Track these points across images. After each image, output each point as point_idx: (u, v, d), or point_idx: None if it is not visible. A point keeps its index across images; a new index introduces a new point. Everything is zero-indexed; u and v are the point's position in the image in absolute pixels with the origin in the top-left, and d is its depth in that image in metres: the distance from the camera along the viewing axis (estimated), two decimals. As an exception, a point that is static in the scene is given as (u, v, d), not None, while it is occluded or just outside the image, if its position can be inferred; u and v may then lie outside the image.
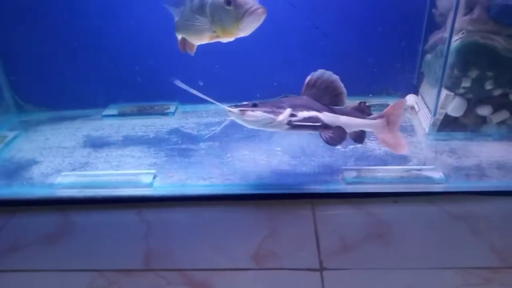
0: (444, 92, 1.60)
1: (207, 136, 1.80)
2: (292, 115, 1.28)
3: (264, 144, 1.74)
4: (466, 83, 1.56)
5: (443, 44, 1.60)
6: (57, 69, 1.99)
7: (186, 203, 1.47)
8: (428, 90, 1.79)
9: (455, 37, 1.50)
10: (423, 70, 1.84)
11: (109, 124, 1.97)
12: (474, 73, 1.54)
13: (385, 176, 1.48)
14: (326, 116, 1.32)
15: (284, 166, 1.60)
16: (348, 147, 1.69)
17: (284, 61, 1.94)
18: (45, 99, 2.07)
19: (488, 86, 1.55)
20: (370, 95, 2.00)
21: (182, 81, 1.24)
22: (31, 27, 1.91)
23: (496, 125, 1.62)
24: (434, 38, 1.71)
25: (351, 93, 2.02)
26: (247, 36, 1.48)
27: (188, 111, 2.07)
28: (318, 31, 1.88)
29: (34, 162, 1.69)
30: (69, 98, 2.07)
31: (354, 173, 1.50)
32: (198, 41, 1.35)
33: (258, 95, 1.62)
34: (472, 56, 1.51)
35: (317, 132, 1.31)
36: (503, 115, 1.60)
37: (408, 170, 1.50)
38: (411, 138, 1.73)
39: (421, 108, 1.85)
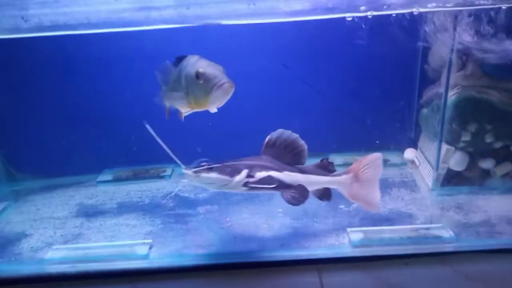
0: (445, 146, 1.59)
1: (165, 200, 1.77)
2: (249, 176, 1.25)
3: (265, 206, 1.69)
4: (465, 137, 1.55)
5: (438, 99, 1.62)
6: (49, 135, 1.96)
7: (184, 275, 1.38)
8: (427, 144, 1.78)
9: (450, 92, 1.51)
10: (420, 124, 1.84)
11: (103, 190, 1.91)
12: (473, 127, 1.53)
13: (393, 237, 1.42)
14: (286, 176, 1.30)
15: (286, 229, 1.53)
16: (351, 206, 1.63)
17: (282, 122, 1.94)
18: (37, 167, 2.01)
19: (488, 139, 1.54)
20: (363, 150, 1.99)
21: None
22: (22, 94, 1.91)
23: (500, 178, 1.59)
24: (428, 93, 1.72)
25: (351, 150, 2.05)
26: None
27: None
28: (312, 91, 1.90)
29: (23, 235, 1.60)
30: (62, 165, 2.02)
31: (360, 235, 1.43)
32: (181, 109, 1.36)
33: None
34: (470, 110, 1.51)
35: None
36: (507, 167, 1.58)
37: (416, 230, 1.44)
38: (414, 194, 1.69)
39: (421, 162, 1.82)
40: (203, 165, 1.23)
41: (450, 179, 1.63)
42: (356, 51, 1.81)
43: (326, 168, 1.40)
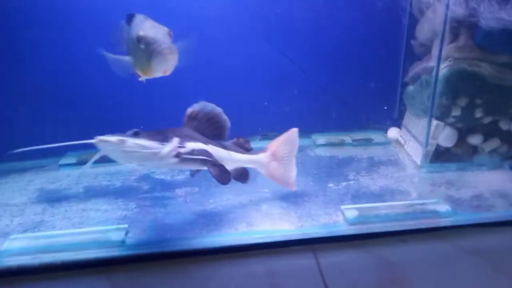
0: (434, 122, 1.55)
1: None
2: (180, 146, 1.13)
3: (249, 186, 1.56)
4: (455, 112, 1.52)
5: (427, 74, 1.58)
6: (4, 112, 1.73)
7: (166, 262, 1.24)
8: (414, 122, 1.74)
9: (442, 65, 1.48)
10: (405, 102, 1.80)
11: (67, 174, 1.71)
12: (463, 101, 1.51)
13: (389, 213, 1.36)
14: (212, 149, 1.21)
15: (276, 209, 1.43)
16: (340, 184, 1.56)
17: (265, 98, 1.83)
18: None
19: (478, 114, 1.52)
20: (353, 131, 1.94)
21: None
22: None
23: (488, 153, 1.58)
24: (415, 69, 1.68)
25: (334, 129, 1.99)
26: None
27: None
28: (294, 67, 1.81)
29: (-27, 224, 1.39)
30: (18, 147, 1.79)
31: (355, 212, 1.36)
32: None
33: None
34: (460, 83, 1.48)
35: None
36: (494, 143, 1.57)
37: (411, 205, 1.39)
38: (403, 171, 1.64)
39: (407, 141, 1.79)
40: (125, 133, 1.08)
41: (439, 156, 1.60)
42: (338, 25, 1.75)
43: (243, 147, 1.34)
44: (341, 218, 1.36)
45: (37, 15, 1.60)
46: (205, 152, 1.18)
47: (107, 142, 1.05)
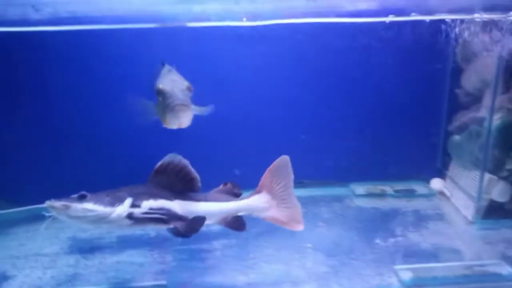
0: (487, 175, 1.47)
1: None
2: (134, 205, 1.05)
3: (290, 240, 1.49)
4: (510, 165, 1.45)
5: (477, 124, 1.52)
6: (33, 155, 1.70)
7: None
8: (461, 173, 1.66)
9: (494, 116, 1.42)
10: (450, 153, 1.73)
11: (99, 222, 1.65)
12: (518, 154, 1.44)
13: (447, 276, 1.25)
14: (179, 205, 1.11)
15: (322, 267, 1.34)
16: (388, 241, 1.47)
17: (300, 145, 1.78)
18: (18, 192, 1.73)
19: (534, 167, 1.44)
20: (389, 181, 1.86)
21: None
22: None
23: (546, 209, 1.49)
24: (461, 118, 1.63)
25: (372, 178, 1.91)
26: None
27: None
28: (331, 112, 1.77)
29: (4, 277, 1.31)
30: (47, 190, 1.74)
31: (410, 274, 1.26)
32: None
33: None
34: (515, 136, 1.42)
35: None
36: (552, 198, 1.48)
37: (470, 267, 1.28)
38: (454, 227, 1.55)
39: (454, 193, 1.70)
40: (72, 196, 1.03)
41: (492, 211, 1.51)
42: (378, 71, 1.71)
43: (232, 193, 1.21)
44: (395, 280, 1.26)
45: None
46: (166, 210, 1.09)
47: (53, 207, 1.02)
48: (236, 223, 1.19)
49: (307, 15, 0.93)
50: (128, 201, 1.05)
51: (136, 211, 1.05)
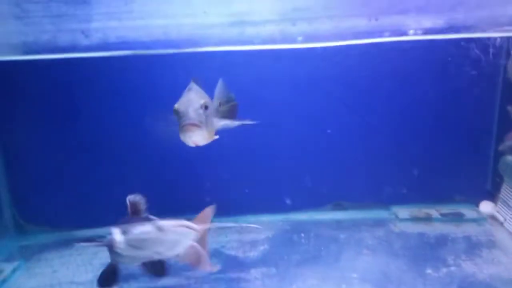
0: (547, 199, 1.37)
1: None
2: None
3: (333, 269, 1.40)
4: None
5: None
6: (66, 179, 1.68)
7: None
8: (516, 197, 1.55)
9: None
10: (501, 174, 1.62)
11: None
12: None
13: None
14: None
15: (371, 300, 1.25)
16: (440, 271, 1.36)
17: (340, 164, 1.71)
18: (51, 217, 1.70)
19: None
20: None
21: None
22: (31, 130, 1.63)
23: None
24: (515, 138, 1.52)
25: (415, 201, 1.81)
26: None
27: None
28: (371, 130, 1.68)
29: (39, 306, 1.28)
30: (80, 214, 1.71)
31: (469, 309, 1.16)
32: None
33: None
34: None
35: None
36: None
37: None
38: (509, 256, 1.43)
39: (508, 218, 1.58)
40: None
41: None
42: (426, 90, 1.63)
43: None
44: (454, 316, 1.16)
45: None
46: None
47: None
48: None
49: (369, 35, 0.87)
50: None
51: None
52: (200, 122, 1.01)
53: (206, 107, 1.03)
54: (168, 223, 0.95)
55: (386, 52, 1.41)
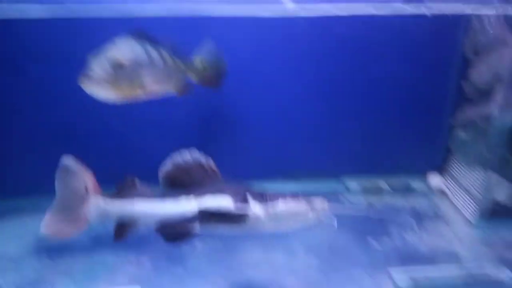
0: (493, 176, 1.37)
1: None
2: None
3: (280, 240, 1.37)
4: (517, 165, 1.35)
5: (484, 121, 1.41)
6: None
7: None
8: (464, 172, 1.56)
9: (505, 114, 1.31)
10: (452, 149, 1.62)
11: (70, 217, 1.51)
12: (526, 155, 1.34)
13: (445, 282, 1.17)
14: None
15: (313, 272, 1.24)
16: (384, 242, 1.37)
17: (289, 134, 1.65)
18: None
19: (543, 168, 1.35)
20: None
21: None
22: None
23: (551, 212, 1.40)
24: (467, 113, 1.51)
25: (366, 172, 1.80)
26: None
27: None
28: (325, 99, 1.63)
29: (-41, 281, 1.18)
30: (13, 183, 1.58)
31: (406, 278, 1.17)
32: None
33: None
34: (526, 135, 1.31)
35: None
36: (558, 201, 1.39)
37: (470, 272, 1.20)
38: (453, 228, 1.45)
39: (454, 192, 1.60)
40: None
41: (495, 213, 1.42)
42: (380, 58, 1.58)
43: None
44: (390, 286, 1.16)
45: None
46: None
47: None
48: None
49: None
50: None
51: None
52: (101, 77, 1.01)
53: (121, 65, 1.03)
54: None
55: (340, 25, 1.39)
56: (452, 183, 1.62)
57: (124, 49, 1.08)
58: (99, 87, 1.02)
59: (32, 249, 1.32)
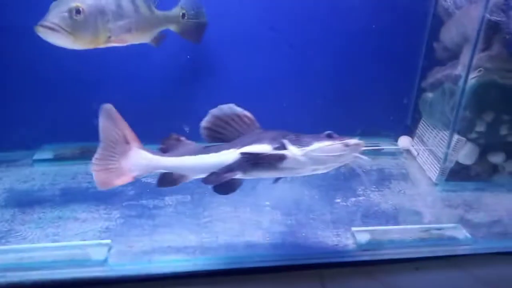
0: (455, 136, 1.42)
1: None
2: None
3: (249, 197, 1.41)
4: (480, 127, 1.39)
5: (452, 82, 1.43)
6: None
7: (153, 285, 1.09)
8: (430, 133, 1.60)
9: (470, 75, 1.33)
10: (421, 110, 1.65)
11: (42, 172, 1.52)
12: (489, 116, 1.37)
13: (403, 239, 1.22)
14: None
15: (279, 227, 1.28)
16: (349, 200, 1.42)
17: (265, 96, 1.65)
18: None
19: (503, 131, 1.39)
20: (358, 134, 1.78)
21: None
22: None
23: (509, 174, 1.46)
24: (436, 75, 1.53)
25: (337, 133, 1.82)
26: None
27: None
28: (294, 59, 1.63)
29: None
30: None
31: (367, 236, 1.22)
32: None
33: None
34: (489, 97, 1.34)
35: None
36: (517, 163, 1.45)
37: (427, 230, 1.26)
38: (416, 188, 1.51)
39: (421, 152, 1.65)
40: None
41: (456, 173, 1.47)
42: (352, 18, 1.57)
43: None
44: (351, 242, 1.22)
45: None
46: None
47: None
48: None
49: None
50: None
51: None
52: (57, 25, 1.00)
53: (78, 11, 1.02)
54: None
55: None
56: (419, 144, 1.67)
57: None
58: (54, 34, 1.00)
59: (3, 201, 1.34)
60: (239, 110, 1.03)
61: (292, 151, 0.97)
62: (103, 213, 1.31)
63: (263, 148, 0.99)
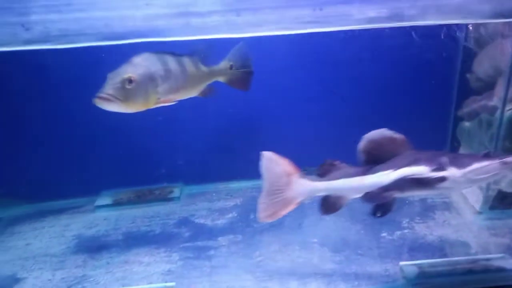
0: (497, 166, 1.44)
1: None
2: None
3: (295, 235, 1.48)
4: (520, 156, 1.41)
5: (487, 113, 1.47)
6: (37, 150, 1.68)
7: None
8: (470, 161, 1.62)
9: (506, 107, 1.36)
10: (459, 139, 1.68)
11: (104, 217, 1.65)
12: (529, 145, 1.39)
13: (451, 271, 1.26)
14: None
15: (328, 264, 1.35)
16: (394, 234, 1.46)
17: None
18: (23, 189, 1.72)
19: (545, 158, 1.40)
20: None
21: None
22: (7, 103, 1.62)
23: (553, 200, 1.47)
24: (472, 104, 1.57)
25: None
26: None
27: (195, 194, 1.79)
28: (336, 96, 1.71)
29: (14, 279, 1.33)
30: (52, 186, 1.74)
31: (415, 270, 1.26)
32: None
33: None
34: (527, 127, 1.37)
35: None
36: (562, 189, 1.45)
37: (475, 261, 1.29)
38: (460, 217, 1.53)
39: (461, 181, 1.67)
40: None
41: (500, 201, 1.49)
42: (385, 53, 1.64)
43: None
44: (400, 276, 1.27)
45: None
46: None
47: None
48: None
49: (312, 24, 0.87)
50: None
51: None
52: (112, 96, 1.09)
53: (130, 81, 1.10)
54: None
55: (333, 40, 1.44)
56: (460, 172, 1.69)
57: (137, 65, 1.16)
58: (110, 104, 1.09)
59: (74, 248, 1.48)
60: (391, 132, 1.09)
61: (452, 172, 0.99)
62: (163, 256, 1.42)
63: (421, 169, 1.03)
